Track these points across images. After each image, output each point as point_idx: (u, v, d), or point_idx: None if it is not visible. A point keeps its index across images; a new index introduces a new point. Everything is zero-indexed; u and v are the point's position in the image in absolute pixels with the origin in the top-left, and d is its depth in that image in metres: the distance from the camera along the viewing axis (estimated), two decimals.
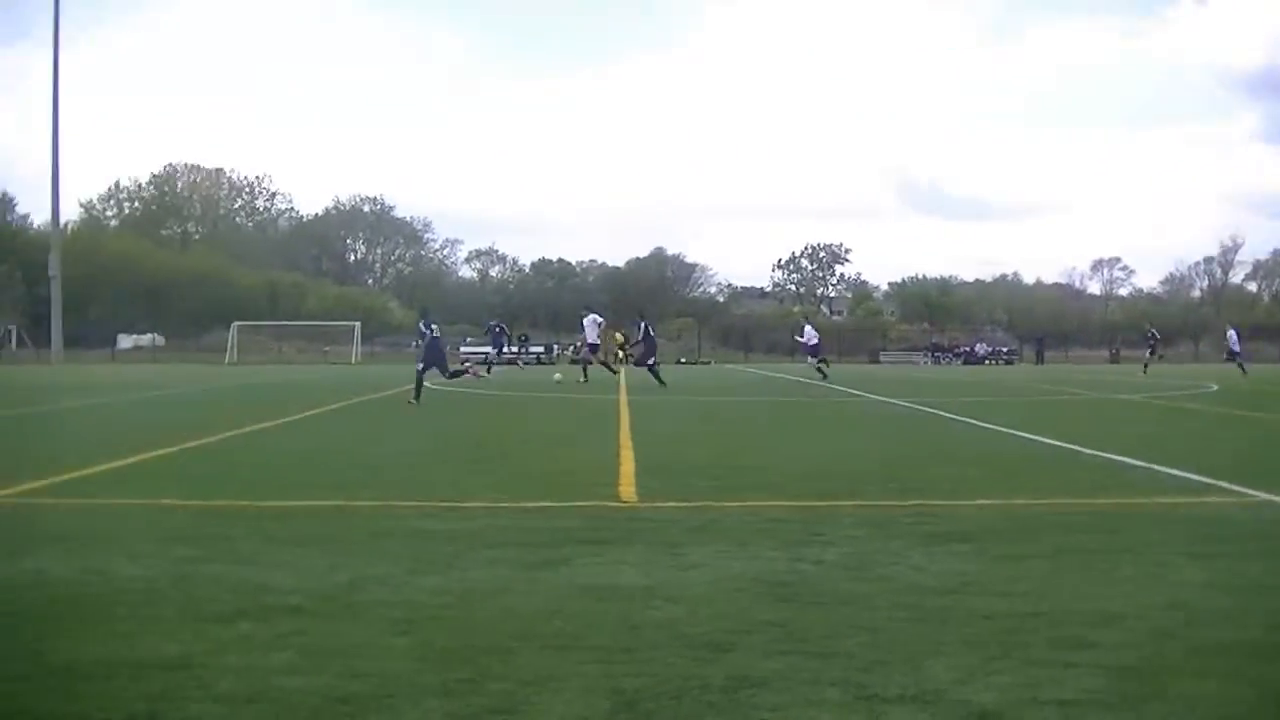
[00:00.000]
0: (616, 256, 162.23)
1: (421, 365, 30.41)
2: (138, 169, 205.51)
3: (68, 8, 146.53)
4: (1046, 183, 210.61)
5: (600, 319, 45.93)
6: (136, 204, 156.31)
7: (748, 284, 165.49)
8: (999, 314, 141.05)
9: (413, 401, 29.13)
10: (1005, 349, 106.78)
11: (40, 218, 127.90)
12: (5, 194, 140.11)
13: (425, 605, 7.59)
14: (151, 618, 7.27)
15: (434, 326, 30.68)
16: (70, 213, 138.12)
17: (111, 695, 5.75)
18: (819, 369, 50.01)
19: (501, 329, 54.75)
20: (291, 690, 5.82)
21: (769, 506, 11.92)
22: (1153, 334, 66.15)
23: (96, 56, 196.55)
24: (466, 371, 29.98)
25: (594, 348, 44.99)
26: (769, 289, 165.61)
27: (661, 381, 39.99)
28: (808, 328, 52.34)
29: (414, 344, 30.55)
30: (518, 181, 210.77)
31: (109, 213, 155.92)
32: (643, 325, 44.01)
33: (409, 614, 7.34)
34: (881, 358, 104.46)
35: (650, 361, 42.53)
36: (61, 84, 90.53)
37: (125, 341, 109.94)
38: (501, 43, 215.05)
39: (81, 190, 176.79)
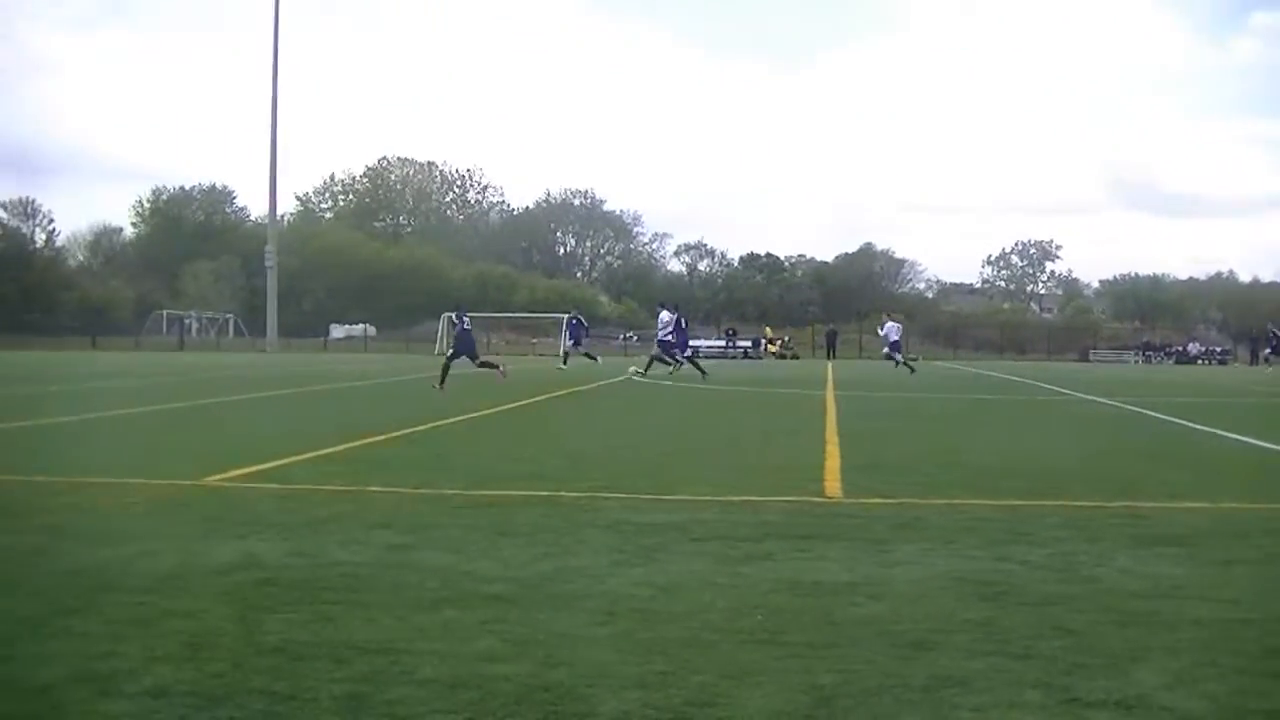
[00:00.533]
0: (825, 251, 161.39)
1: (451, 353, 32.93)
2: (352, 162, 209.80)
3: (286, 4, 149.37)
4: (1263, 178, 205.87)
5: (670, 315, 44.54)
6: (350, 197, 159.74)
7: (957, 280, 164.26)
8: (1212, 313, 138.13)
9: (436, 386, 30.87)
10: (1218, 349, 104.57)
11: (258, 210, 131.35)
12: (225, 187, 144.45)
13: (627, 596, 7.65)
14: (357, 603, 7.41)
15: (467, 319, 33.45)
16: (287, 205, 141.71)
17: (317, 677, 5.88)
18: (904, 363, 51.96)
19: (577, 321, 54.60)
20: (493, 677, 5.89)
21: (974, 505, 11.80)
22: (1273, 333, 65.27)
23: (313, 53, 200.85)
24: (496, 367, 31.82)
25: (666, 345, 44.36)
26: (978, 285, 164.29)
27: (676, 365, 41.03)
28: (889, 324, 54.27)
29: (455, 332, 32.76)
30: (728, 176, 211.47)
31: (324, 205, 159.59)
32: (677, 318, 44.51)
33: (611, 605, 7.40)
34: (1091, 356, 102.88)
35: (686, 353, 43.63)
36: (280, 79, 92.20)
37: (337, 331, 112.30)
38: (711, 38, 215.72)
39: (298, 183, 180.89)
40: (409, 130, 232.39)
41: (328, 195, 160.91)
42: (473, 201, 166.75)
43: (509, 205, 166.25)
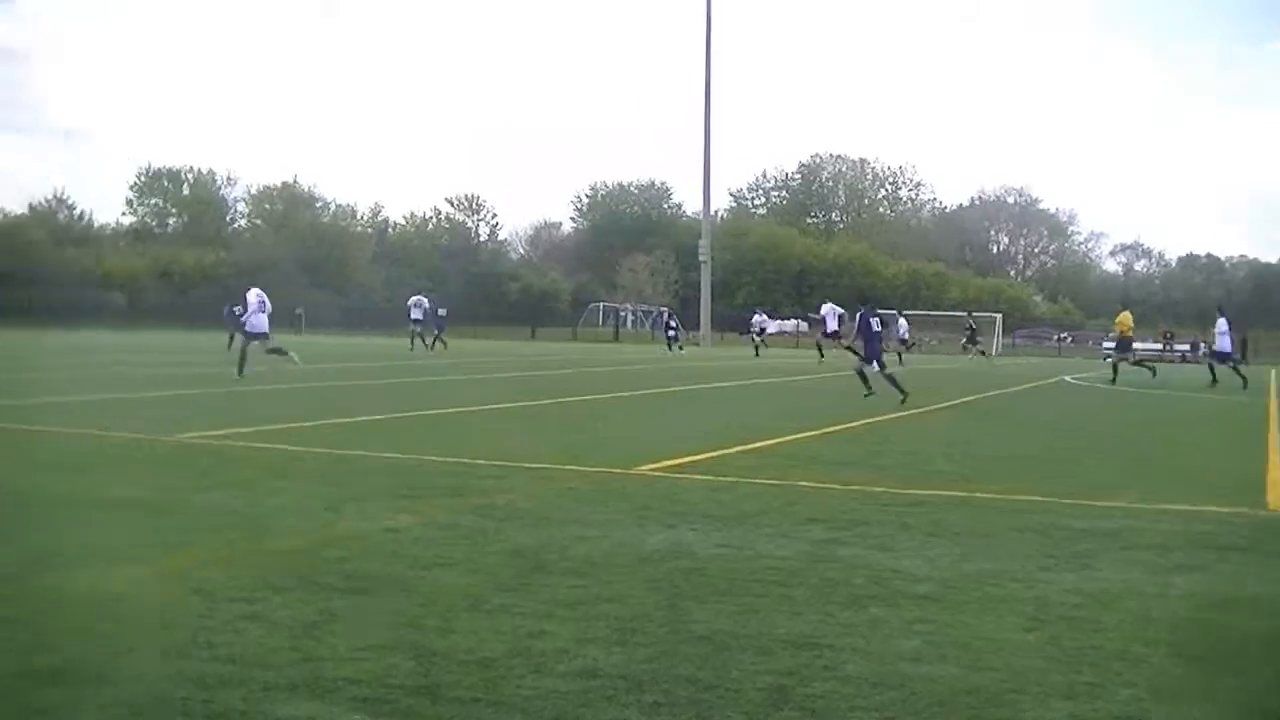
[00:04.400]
0: (1269, 252, 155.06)
1: None
2: (784, 159, 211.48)
3: (719, 9, 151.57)
4: None
5: (839, 309, 51.49)
6: (783, 193, 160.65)
7: None
8: None
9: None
10: None
11: (693, 206, 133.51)
12: (662, 183, 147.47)
13: (1056, 602, 7.53)
14: (784, 596, 7.50)
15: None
16: (720, 201, 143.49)
17: (743, 668, 5.99)
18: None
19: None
20: (917, 677, 5.89)
21: None
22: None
23: (746, 51, 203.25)
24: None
25: (834, 334, 49.52)
26: None
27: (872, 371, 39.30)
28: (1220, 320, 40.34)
29: None
30: (1166, 173, 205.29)
31: (756, 201, 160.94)
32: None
33: (1039, 610, 7.31)
34: None
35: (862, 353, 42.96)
36: (714, 78, 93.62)
37: (770, 326, 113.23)
38: (1155, 32, 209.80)
39: (731, 180, 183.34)
40: (841, 127, 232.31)
41: (760, 191, 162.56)
42: (904, 199, 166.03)
43: (940, 202, 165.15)
